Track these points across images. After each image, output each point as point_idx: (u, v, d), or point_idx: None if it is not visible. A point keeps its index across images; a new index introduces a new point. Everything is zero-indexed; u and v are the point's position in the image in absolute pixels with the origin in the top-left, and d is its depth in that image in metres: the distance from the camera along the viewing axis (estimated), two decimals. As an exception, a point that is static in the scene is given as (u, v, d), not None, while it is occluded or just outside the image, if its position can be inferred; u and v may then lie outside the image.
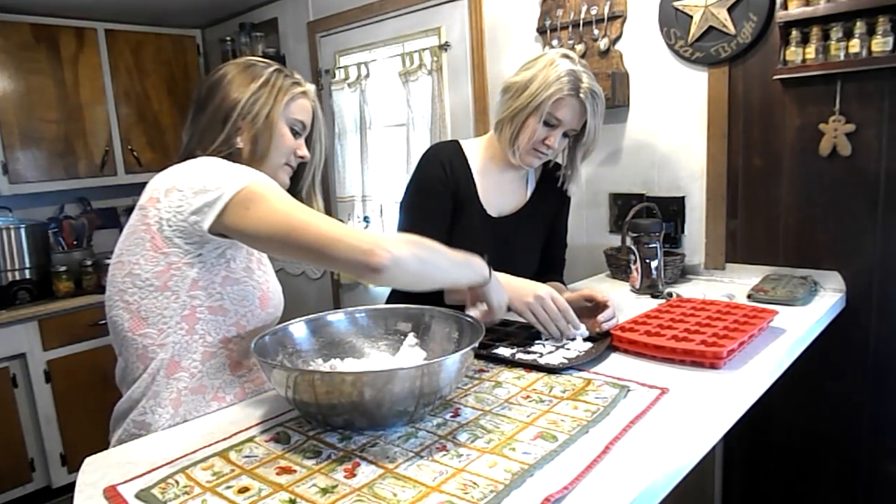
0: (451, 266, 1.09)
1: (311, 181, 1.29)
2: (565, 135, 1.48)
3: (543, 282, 1.62)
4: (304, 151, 1.21)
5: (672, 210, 2.02)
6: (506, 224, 1.58)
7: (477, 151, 1.58)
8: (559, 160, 1.64)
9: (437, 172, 1.51)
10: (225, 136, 1.11)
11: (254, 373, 1.16)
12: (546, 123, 1.44)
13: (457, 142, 1.60)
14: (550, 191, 1.63)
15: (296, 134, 1.19)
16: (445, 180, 1.51)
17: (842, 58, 1.61)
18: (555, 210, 1.68)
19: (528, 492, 0.76)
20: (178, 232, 1.02)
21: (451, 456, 0.86)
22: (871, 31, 1.57)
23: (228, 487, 0.81)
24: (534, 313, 1.27)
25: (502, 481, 0.78)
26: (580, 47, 2.13)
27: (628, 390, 1.06)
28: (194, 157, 1.11)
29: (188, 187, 1.01)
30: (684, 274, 1.99)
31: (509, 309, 1.24)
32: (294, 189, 1.27)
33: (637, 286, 1.78)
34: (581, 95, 1.41)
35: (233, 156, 1.12)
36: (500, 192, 1.58)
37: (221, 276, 1.08)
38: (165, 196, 1.02)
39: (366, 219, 3.06)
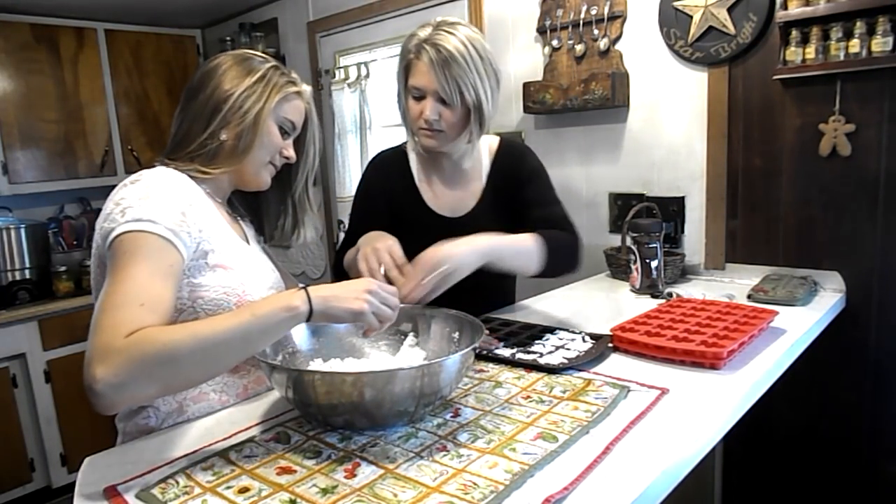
0: (231, 341, 0.87)
1: (303, 185, 1.26)
2: (444, 103, 1.36)
3: None
4: (289, 152, 1.17)
5: (672, 210, 2.02)
6: (462, 224, 1.49)
7: (416, 154, 1.56)
8: (503, 144, 1.57)
9: (370, 182, 1.57)
10: (213, 128, 1.09)
11: (254, 373, 1.16)
12: (413, 97, 1.39)
13: (403, 146, 1.58)
14: (503, 178, 1.53)
15: (284, 134, 1.16)
16: (379, 188, 1.54)
17: (842, 58, 1.61)
18: (512, 195, 1.52)
19: (529, 492, 0.76)
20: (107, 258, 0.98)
21: (451, 456, 0.86)
22: (870, 31, 1.57)
23: (228, 487, 0.81)
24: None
25: (503, 482, 0.78)
26: (580, 47, 2.13)
27: (628, 391, 1.06)
28: (175, 153, 1.11)
29: (104, 213, 0.98)
30: (684, 274, 1.99)
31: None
32: (286, 193, 1.26)
33: (637, 286, 1.78)
34: (423, 56, 1.33)
35: (216, 149, 1.10)
36: (449, 191, 1.54)
37: (186, 291, 1.03)
38: (100, 220, 1.00)
39: (366, 219, 3.06)
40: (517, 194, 1.51)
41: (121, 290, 0.89)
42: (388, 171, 1.55)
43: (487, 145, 1.57)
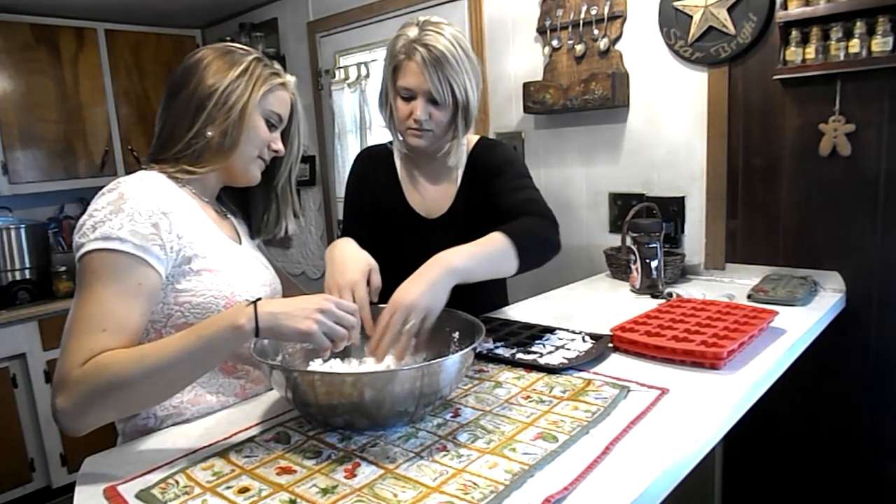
0: (179, 364, 0.89)
1: (286, 177, 1.24)
2: (434, 103, 1.36)
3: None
4: (278, 145, 1.15)
5: (672, 210, 2.02)
6: (438, 225, 1.50)
7: (400, 153, 1.55)
8: (470, 145, 1.53)
9: (358, 175, 1.57)
10: (198, 126, 1.07)
11: (253, 373, 1.16)
12: (402, 98, 1.38)
13: (390, 144, 1.57)
14: (476, 174, 1.49)
15: (271, 126, 1.14)
16: (366, 182, 1.54)
17: (842, 58, 1.61)
18: (484, 190, 1.46)
19: (529, 492, 0.76)
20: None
21: (451, 456, 0.86)
22: (870, 31, 1.57)
23: (228, 487, 0.81)
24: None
25: (503, 482, 0.78)
26: (580, 47, 2.13)
27: (628, 391, 1.06)
28: (161, 154, 1.10)
29: (79, 223, 0.97)
30: (684, 274, 1.99)
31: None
32: (269, 185, 1.24)
33: (637, 286, 1.78)
34: (415, 57, 1.33)
35: (202, 147, 1.08)
36: (427, 192, 1.53)
37: (172, 298, 1.03)
38: (76, 229, 0.99)
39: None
40: (488, 187, 1.45)
41: (85, 314, 0.92)
42: (374, 165, 1.56)
43: (466, 144, 1.55)
